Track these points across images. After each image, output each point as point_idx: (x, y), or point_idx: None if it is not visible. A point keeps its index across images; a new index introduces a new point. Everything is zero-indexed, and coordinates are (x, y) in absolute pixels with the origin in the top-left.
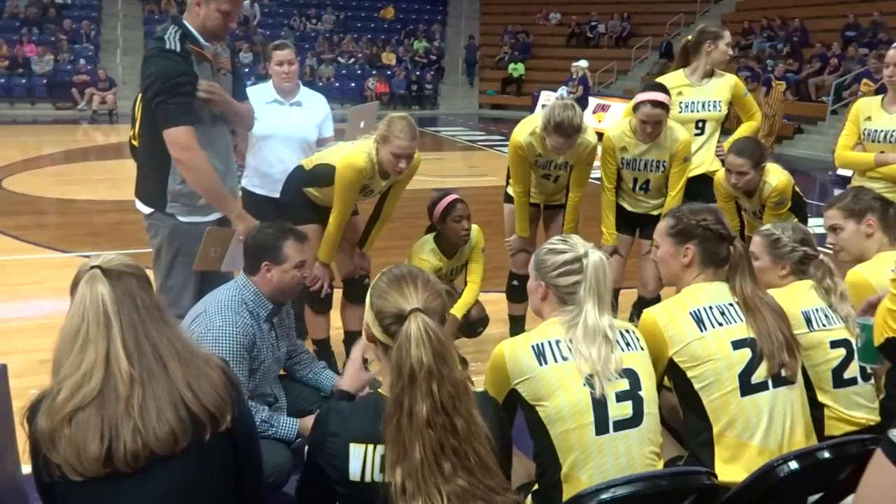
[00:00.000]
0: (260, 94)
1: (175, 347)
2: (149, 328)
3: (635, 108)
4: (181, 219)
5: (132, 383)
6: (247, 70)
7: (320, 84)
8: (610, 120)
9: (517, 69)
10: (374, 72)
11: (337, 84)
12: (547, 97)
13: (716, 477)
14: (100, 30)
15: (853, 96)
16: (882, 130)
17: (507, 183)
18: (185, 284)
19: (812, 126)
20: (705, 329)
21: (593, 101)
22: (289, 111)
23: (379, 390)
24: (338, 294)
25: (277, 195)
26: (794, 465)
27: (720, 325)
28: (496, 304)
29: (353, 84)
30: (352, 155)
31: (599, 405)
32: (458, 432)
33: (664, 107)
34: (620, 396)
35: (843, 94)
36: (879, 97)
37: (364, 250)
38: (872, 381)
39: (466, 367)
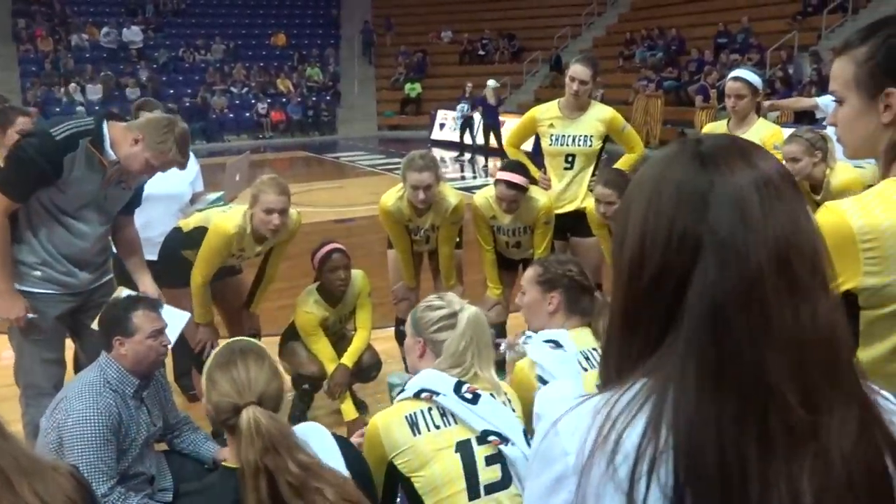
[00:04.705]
0: None
1: (17, 461)
2: None
3: (495, 182)
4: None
5: None
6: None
7: (213, 116)
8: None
9: (414, 89)
10: (268, 100)
11: (231, 115)
12: (444, 116)
13: None
14: None
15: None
16: None
17: None
18: (33, 360)
19: (694, 130)
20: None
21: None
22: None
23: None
24: None
25: (155, 258)
26: None
27: (585, 370)
28: (391, 342)
29: (247, 114)
30: (224, 220)
31: (470, 471)
32: None
33: (519, 188)
34: (489, 460)
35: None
36: (725, 121)
37: (251, 311)
38: None
39: (366, 412)
